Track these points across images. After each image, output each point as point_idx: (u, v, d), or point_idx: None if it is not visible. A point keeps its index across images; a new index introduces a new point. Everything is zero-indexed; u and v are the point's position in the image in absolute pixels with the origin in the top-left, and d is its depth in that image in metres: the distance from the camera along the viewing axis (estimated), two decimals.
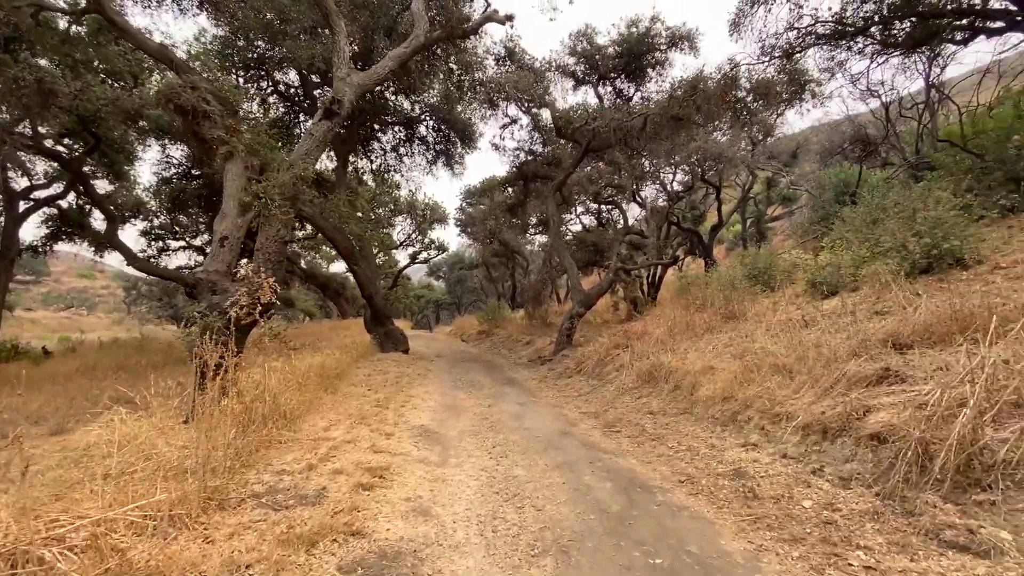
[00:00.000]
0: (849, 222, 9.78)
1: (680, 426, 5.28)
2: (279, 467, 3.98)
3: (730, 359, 6.06)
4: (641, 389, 6.87)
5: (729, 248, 31.11)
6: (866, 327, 5.29)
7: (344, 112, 6.90)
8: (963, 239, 6.08)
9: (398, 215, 26.45)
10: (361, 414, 6.04)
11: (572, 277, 12.43)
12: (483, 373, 11.00)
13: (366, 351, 12.02)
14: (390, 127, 16.82)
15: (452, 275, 45.41)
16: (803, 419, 4.03)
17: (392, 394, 7.61)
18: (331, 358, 8.38)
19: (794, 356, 4.99)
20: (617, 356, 8.50)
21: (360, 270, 12.27)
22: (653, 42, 12.21)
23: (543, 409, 6.98)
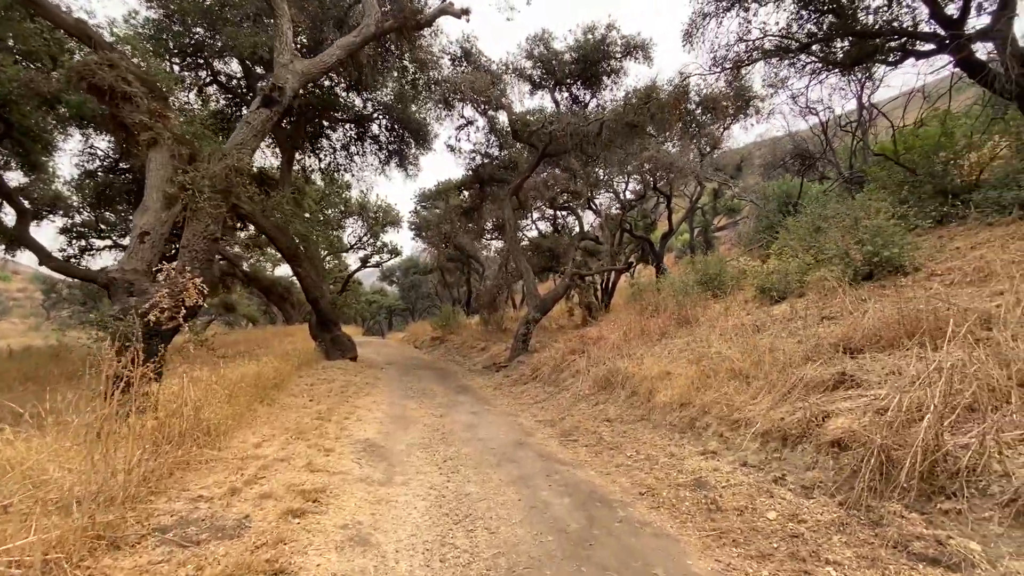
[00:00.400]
0: (793, 231, 10.15)
1: (638, 433, 5.14)
2: (196, 492, 3.48)
3: (686, 364, 6.00)
4: (598, 395, 6.71)
5: (678, 256, 32.07)
6: (817, 332, 5.36)
7: (285, 101, 6.39)
8: (902, 247, 6.33)
9: (349, 216, 25.49)
10: (299, 428, 5.54)
11: (528, 282, 12.26)
12: (435, 381, 10.59)
13: (310, 359, 11.32)
14: (340, 124, 16.17)
15: (406, 280, 44.41)
16: (762, 425, 3.96)
17: (336, 405, 7.10)
18: (268, 366, 7.75)
19: (749, 361, 4.97)
20: (573, 362, 8.34)
21: (305, 272, 11.57)
22: (609, 50, 12.30)
23: (498, 418, 6.69)
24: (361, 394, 8.38)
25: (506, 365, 11.29)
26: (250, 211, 10.35)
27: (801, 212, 12.39)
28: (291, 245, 11.07)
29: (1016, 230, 6.22)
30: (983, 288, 5.02)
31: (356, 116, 15.65)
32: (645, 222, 22.54)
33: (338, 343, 12.37)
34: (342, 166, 17.23)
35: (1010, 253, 5.60)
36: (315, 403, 7.25)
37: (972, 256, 5.99)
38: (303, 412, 6.49)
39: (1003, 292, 4.65)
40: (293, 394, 7.79)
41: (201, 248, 5.75)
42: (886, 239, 6.45)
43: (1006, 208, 6.69)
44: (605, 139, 11.04)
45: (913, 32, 8.34)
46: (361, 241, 26.83)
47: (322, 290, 12.08)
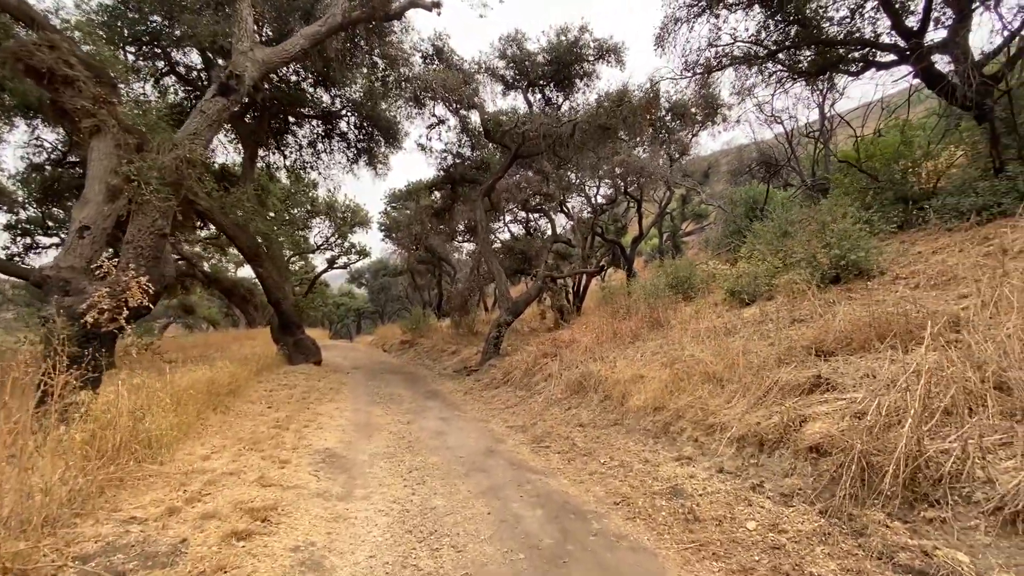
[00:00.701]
0: (760, 235, 10.30)
1: (611, 439, 5.00)
2: (129, 513, 3.13)
3: (659, 367, 5.91)
4: (570, 400, 6.57)
5: (647, 260, 32.52)
6: (788, 334, 5.35)
7: (244, 90, 6.02)
8: (867, 251, 6.43)
9: (315, 216, 24.75)
10: (254, 438, 5.17)
11: (500, 284, 12.06)
12: (404, 386, 10.26)
13: (271, 363, 10.81)
14: (307, 121, 15.64)
15: (375, 282, 43.54)
16: (737, 430, 3.87)
17: (296, 412, 6.72)
18: (223, 372, 7.29)
19: (723, 364, 4.90)
20: (545, 365, 8.19)
21: (266, 273, 11.05)
22: (582, 52, 12.27)
23: (468, 424, 6.45)
24: (324, 400, 8.00)
25: (477, 369, 11.05)
26: (208, 208, 9.79)
27: (767, 217, 12.65)
28: (252, 244, 10.56)
29: (974, 235, 6.40)
30: (947, 291, 5.10)
31: (324, 112, 15.18)
32: (616, 226, 22.74)
33: (301, 347, 11.88)
34: (308, 164, 16.69)
35: (970, 257, 5.74)
36: (273, 410, 6.86)
37: (934, 260, 6.13)
38: (260, 420, 6.10)
39: (968, 295, 4.73)
40: (250, 401, 7.36)
41: (148, 244, 5.32)
42: (852, 243, 6.55)
43: (964, 214, 6.89)
44: (578, 141, 10.98)
45: (875, 43, 8.57)
46: (328, 242, 26.09)
47: (284, 291, 11.57)
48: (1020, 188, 6.30)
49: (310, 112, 15.22)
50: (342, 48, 12.06)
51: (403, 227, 22.91)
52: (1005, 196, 6.48)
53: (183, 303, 36.94)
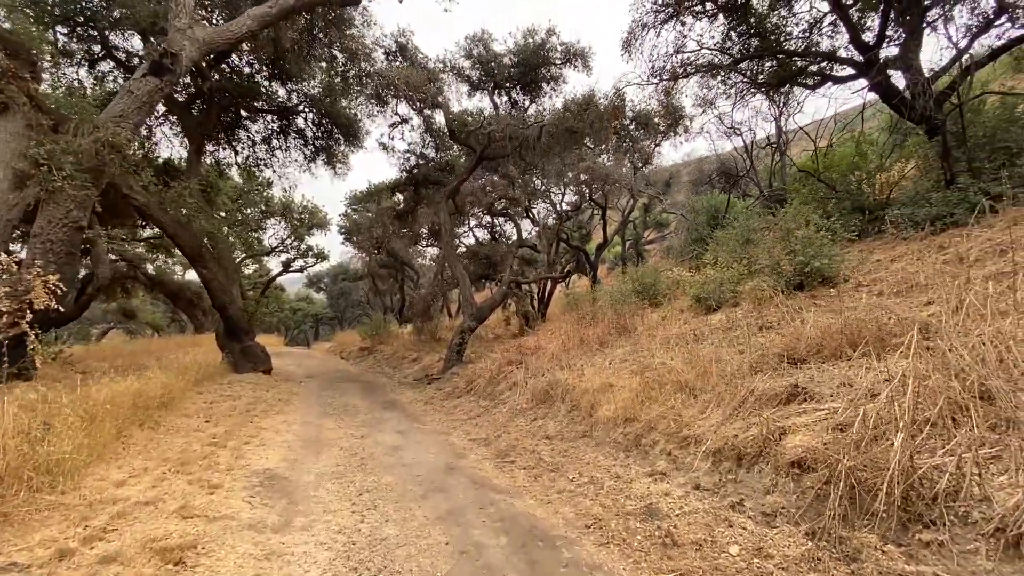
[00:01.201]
0: (723, 243, 10.37)
1: (580, 453, 4.71)
2: (10, 556, 2.59)
3: (629, 375, 5.70)
4: (536, 410, 6.26)
5: (610, 268, 32.84)
6: (758, 341, 5.24)
7: (180, 70, 5.44)
8: (831, 258, 6.46)
9: (270, 217, 23.62)
10: (183, 458, 4.60)
11: (464, 289, 11.68)
12: (360, 395, 9.70)
13: (214, 372, 10.01)
14: (261, 115, 14.85)
15: (334, 287, 42.15)
16: (713, 443, 3.65)
17: (237, 427, 6.12)
18: (154, 383, 6.59)
19: (695, 372, 4.71)
20: (510, 373, 7.86)
21: (211, 274, 10.25)
22: (549, 55, 12.12)
23: (427, 438, 6.03)
24: (271, 413, 7.39)
25: (439, 377, 10.61)
26: (144, 203, 8.98)
27: (728, 225, 12.83)
28: (195, 243, 9.76)
29: (930, 244, 6.54)
30: (911, 298, 5.11)
31: (279, 107, 14.45)
32: (580, 233, 22.79)
33: (249, 354, 11.10)
34: (262, 161, 15.85)
35: (929, 265, 5.82)
36: (211, 425, 6.23)
37: (895, 268, 6.20)
38: (193, 437, 5.49)
39: (932, 302, 4.73)
40: (186, 414, 6.69)
41: (59, 239, 4.68)
42: (816, 250, 6.56)
43: (918, 224, 7.06)
44: (544, 144, 10.79)
45: (834, 56, 8.78)
46: (284, 244, 24.94)
47: (231, 295, 10.79)
48: (971, 200, 6.48)
49: (264, 106, 14.46)
50: (299, 39, 11.48)
51: (364, 229, 22.20)
52: (957, 207, 6.66)
53: (123, 307, 34.61)
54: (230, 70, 13.45)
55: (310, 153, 15.66)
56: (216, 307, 10.83)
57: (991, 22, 7.40)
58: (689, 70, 9.78)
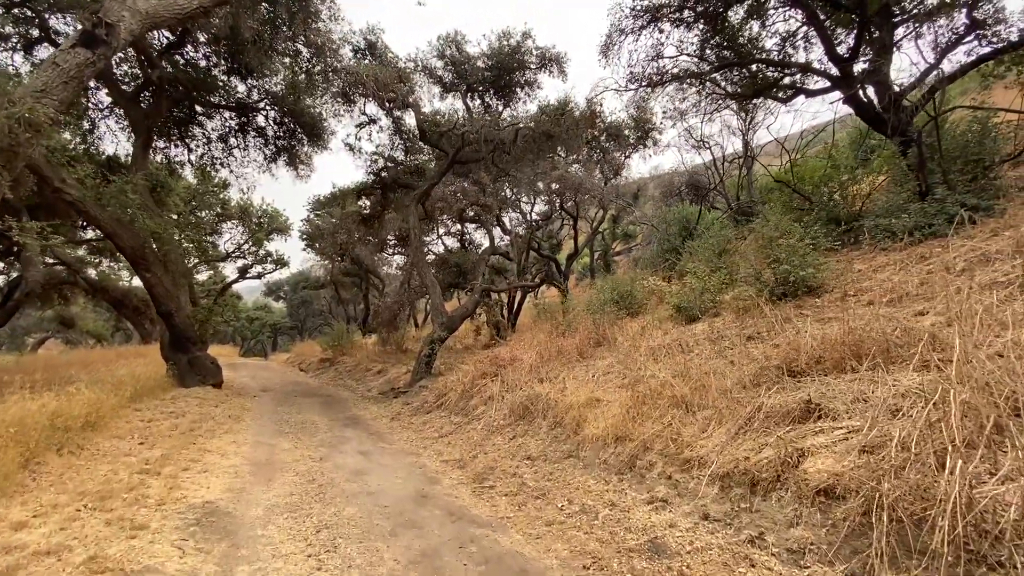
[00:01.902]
0: (698, 252, 10.26)
1: (568, 475, 4.28)
2: None
3: (616, 389, 5.33)
4: (515, 427, 5.80)
5: (578, 278, 32.84)
6: (749, 352, 4.98)
7: (117, 44, 4.77)
8: (817, 268, 6.32)
9: (227, 220, 22.32)
10: (105, 490, 3.90)
11: (434, 297, 11.13)
12: (320, 411, 8.97)
13: (157, 386, 9.08)
14: (218, 111, 13.97)
15: (295, 296, 40.51)
16: (720, 466, 3.30)
17: (176, 449, 5.39)
18: (79, 400, 5.77)
19: (689, 386, 4.38)
20: (485, 386, 7.37)
21: (155, 279, 9.34)
22: (524, 59, 11.85)
23: (394, 459, 5.47)
24: (218, 432, 6.64)
25: (406, 390, 9.99)
26: (78, 197, 8.09)
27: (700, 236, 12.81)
28: (136, 244, 8.86)
29: (909, 254, 6.51)
30: (902, 308, 4.97)
31: (238, 104, 13.61)
32: (551, 242, 22.63)
33: (198, 366, 10.18)
34: (218, 160, 14.89)
35: (914, 275, 5.74)
36: (146, 447, 5.48)
37: (879, 278, 6.11)
38: (122, 463, 4.76)
39: (924, 312, 4.58)
40: (117, 435, 5.89)
41: None
42: (800, 259, 6.43)
43: (896, 235, 7.05)
44: (520, 148, 10.46)
45: (809, 67, 8.84)
46: (241, 249, 23.61)
47: (178, 301, 9.87)
48: (949, 211, 6.50)
49: (222, 102, 13.61)
50: (260, 29, 10.79)
51: (327, 235, 21.30)
52: (935, 218, 6.67)
53: (61, 315, 32.13)
54: (185, 62, 12.60)
55: (270, 153, 14.83)
56: (160, 315, 9.89)
57: (961, 39, 7.57)
58: (666, 77, 9.68)
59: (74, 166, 8.51)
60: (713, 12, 8.94)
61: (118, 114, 13.36)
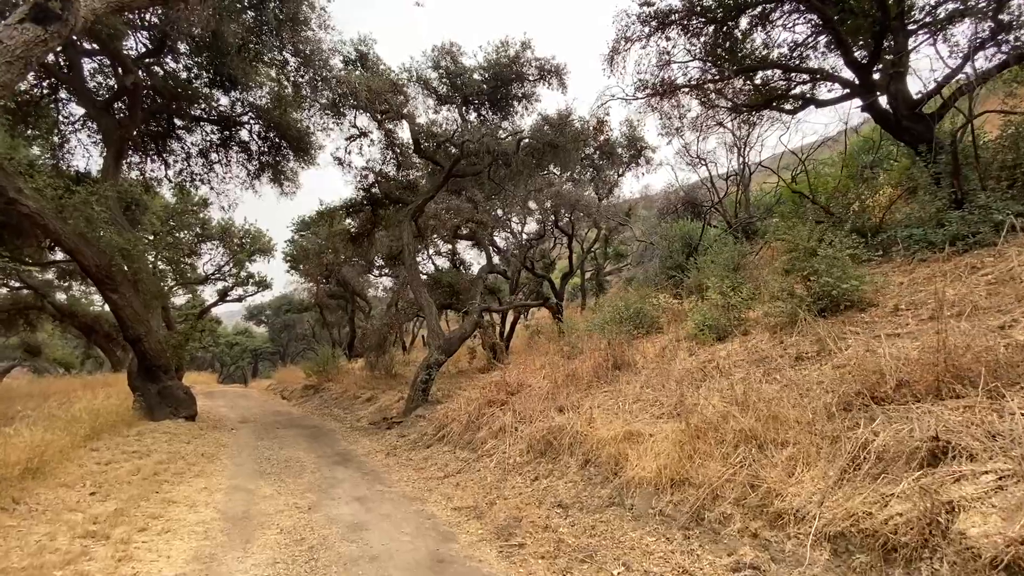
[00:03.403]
0: (708, 268, 9.73)
1: (615, 530, 3.53)
2: None
3: (653, 420, 4.63)
4: (536, 465, 5.02)
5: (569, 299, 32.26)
6: (807, 376, 4.35)
7: (75, 22, 4.08)
8: (860, 280, 5.77)
9: (206, 241, 21.35)
10: (33, 566, 3.03)
11: (430, 318, 10.37)
12: (306, 445, 8.06)
13: (121, 420, 8.10)
14: (198, 125, 13.28)
15: (277, 320, 39.18)
16: (827, 523, 2.60)
17: (135, 501, 4.50)
18: (18, 441, 4.86)
19: (755, 417, 3.69)
20: (493, 416, 6.58)
21: (122, 301, 8.43)
22: (522, 71, 11.42)
23: (397, 508, 4.64)
24: (188, 475, 5.74)
25: (401, 420, 9.12)
26: (36, 209, 7.24)
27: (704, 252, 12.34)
28: (101, 261, 7.98)
29: (956, 264, 6.00)
30: (974, 321, 4.40)
31: (220, 117, 12.94)
32: (544, 262, 22.14)
33: (168, 396, 9.20)
34: (198, 176, 14.13)
35: (974, 286, 5.21)
36: (99, 499, 4.59)
37: (930, 290, 5.57)
38: (63, 523, 3.87)
39: (1007, 325, 4.00)
40: (66, 483, 4.98)
41: None
42: (842, 271, 5.88)
43: (934, 245, 6.58)
44: (520, 160, 9.91)
45: (825, 72, 8.50)
46: (221, 271, 22.56)
47: (148, 325, 8.95)
48: (995, 217, 6.05)
49: (203, 115, 12.93)
50: (245, 36, 10.20)
51: (312, 255, 20.46)
52: (979, 226, 6.21)
53: (26, 342, 30.42)
54: (164, 73, 11.95)
55: (254, 169, 14.13)
56: (128, 340, 8.94)
57: (985, 43, 7.28)
58: (676, 85, 9.27)
59: (32, 175, 7.68)
60: (723, 18, 8.62)
61: (91, 127, 12.60)
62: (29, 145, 12.94)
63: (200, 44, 10.72)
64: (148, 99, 12.13)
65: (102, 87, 12.01)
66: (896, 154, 10.04)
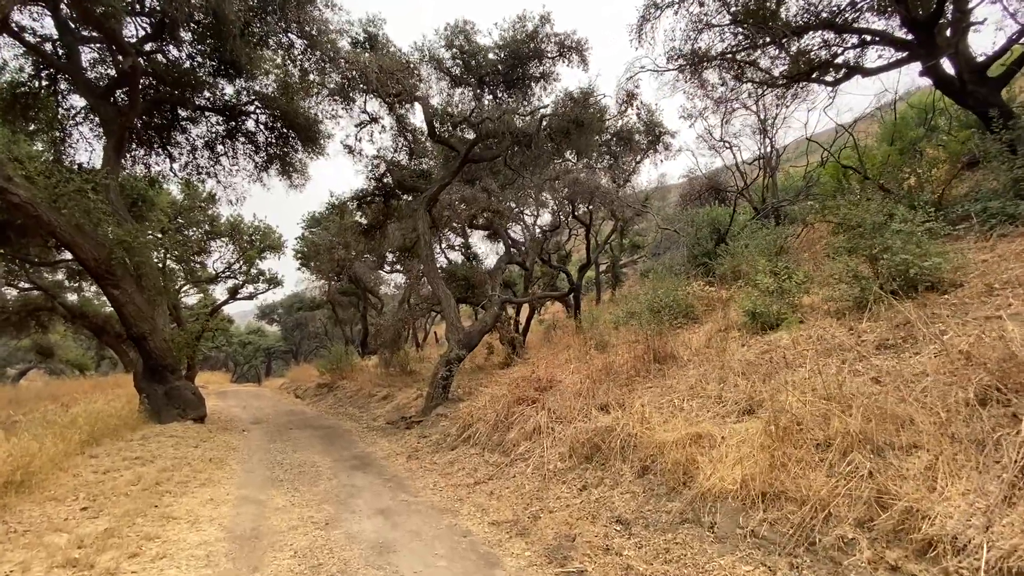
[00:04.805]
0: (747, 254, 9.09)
1: (695, 554, 2.91)
2: None
3: (719, 419, 4.00)
4: (581, 472, 4.41)
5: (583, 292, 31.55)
6: (908, 366, 3.70)
7: None
8: (944, 257, 5.08)
9: (216, 238, 20.97)
10: None
11: (449, 311, 9.79)
12: (320, 447, 7.54)
13: (125, 423, 7.64)
14: (203, 116, 12.79)
15: (289, 318, 38.94)
16: (1006, 554, 1.96)
17: (130, 517, 3.98)
18: (5, 448, 4.37)
19: (860, 416, 3.05)
20: (524, 415, 5.98)
21: (124, 297, 7.96)
22: (541, 47, 10.75)
23: (426, 522, 4.06)
24: (192, 484, 5.22)
25: (420, 420, 8.56)
26: (27, 198, 6.77)
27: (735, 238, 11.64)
28: (100, 255, 7.49)
29: None
30: None
31: (225, 106, 12.44)
32: (559, 254, 21.57)
33: (176, 397, 8.73)
34: (204, 169, 13.64)
35: None
36: (89, 515, 4.07)
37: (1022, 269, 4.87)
38: (43, 547, 3.35)
39: None
40: (56, 497, 4.49)
41: None
42: (922, 247, 5.19)
43: (1016, 218, 5.86)
44: (543, 139, 9.26)
45: (883, 33, 7.74)
46: (231, 269, 22.18)
47: (153, 323, 8.47)
48: None
49: (208, 104, 12.43)
50: (247, 17, 9.65)
51: (323, 251, 19.98)
52: None
53: (38, 344, 30.43)
54: (167, 62, 11.48)
55: (261, 161, 13.60)
56: (132, 338, 8.47)
57: None
58: (710, 56, 8.56)
59: (22, 162, 7.22)
60: None
61: (92, 121, 12.17)
62: (31, 141, 12.56)
63: (202, 29, 10.22)
64: (151, 89, 11.68)
65: (102, 77, 11.58)
66: (949, 126, 9.25)
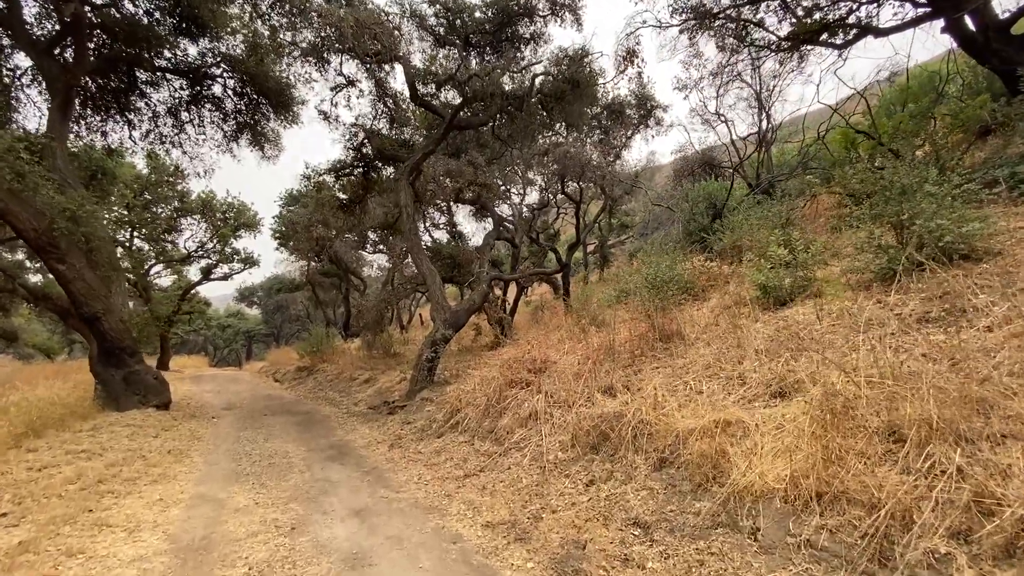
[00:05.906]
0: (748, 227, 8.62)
1: (740, 568, 2.39)
2: None
3: (745, 403, 3.49)
4: (587, 464, 3.88)
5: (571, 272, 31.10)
6: (963, 342, 3.21)
7: None
8: (984, 223, 4.60)
9: (186, 216, 19.86)
10: None
11: (434, 289, 9.14)
12: (296, 436, 6.92)
13: (73, 413, 6.91)
14: (163, 77, 11.74)
15: (269, 301, 37.78)
16: None
17: (57, 525, 3.34)
18: None
19: (918, 400, 2.54)
20: (518, 399, 5.43)
21: (71, 273, 7.15)
22: (532, 4, 9.94)
23: (409, 524, 3.50)
24: (143, 480, 4.58)
25: (404, 404, 7.99)
26: None
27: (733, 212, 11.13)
28: (39, 224, 6.65)
29: None
30: None
31: (189, 68, 11.41)
32: (547, 232, 21.04)
33: (136, 383, 8.01)
34: (167, 138, 12.63)
35: None
36: (7, 524, 3.43)
37: None
38: None
39: None
40: None
41: None
42: (958, 213, 4.70)
43: None
44: (536, 104, 8.56)
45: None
46: (204, 248, 21.09)
47: (106, 302, 7.68)
48: None
49: (168, 65, 11.39)
50: None
51: (301, 229, 19.05)
52: None
53: (1, 328, 29.00)
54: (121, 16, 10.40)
55: (230, 130, 12.63)
56: (83, 319, 7.67)
57: None
58: (716, 10, 7.89)
59: None
60: None
61: (41, 85, 11.08)
62: None
63: None
64: (104, 48, 10.64)
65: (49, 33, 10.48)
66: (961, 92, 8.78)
